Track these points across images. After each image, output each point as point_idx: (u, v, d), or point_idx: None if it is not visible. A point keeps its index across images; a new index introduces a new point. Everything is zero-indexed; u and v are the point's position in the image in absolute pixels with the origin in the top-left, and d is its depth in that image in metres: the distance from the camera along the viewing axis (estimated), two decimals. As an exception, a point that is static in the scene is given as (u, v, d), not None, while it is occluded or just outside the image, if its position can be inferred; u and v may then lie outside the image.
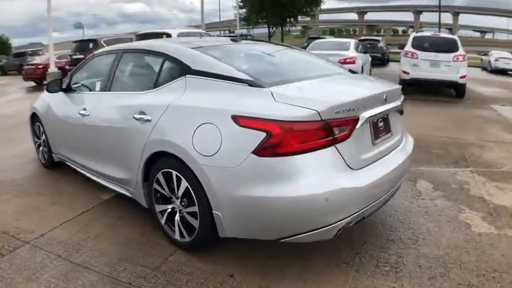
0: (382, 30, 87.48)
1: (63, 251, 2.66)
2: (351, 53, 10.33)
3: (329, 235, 2.17)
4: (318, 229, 2.11)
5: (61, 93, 3.74)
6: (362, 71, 10.67)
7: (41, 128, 4.19)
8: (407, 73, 9.57)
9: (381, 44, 19.11)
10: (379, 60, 17.78)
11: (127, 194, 3.03)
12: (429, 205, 3.33)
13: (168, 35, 12.10)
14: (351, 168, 2.18)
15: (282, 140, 2.01)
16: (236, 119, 2.13)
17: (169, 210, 2.63)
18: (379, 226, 2.97)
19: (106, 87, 3.25)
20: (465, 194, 3.57)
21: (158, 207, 2.71)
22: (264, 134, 2.04)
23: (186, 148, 2.32)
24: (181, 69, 2.62)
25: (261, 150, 2.04)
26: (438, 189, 3.70)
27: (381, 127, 2.50)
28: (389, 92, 2.55)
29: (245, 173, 2.11)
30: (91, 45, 14.16)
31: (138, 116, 2.71)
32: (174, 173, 2.45)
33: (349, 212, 2.15)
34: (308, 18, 34.61)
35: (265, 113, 2.08)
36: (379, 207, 2.50)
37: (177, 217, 2.58)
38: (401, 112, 2.86)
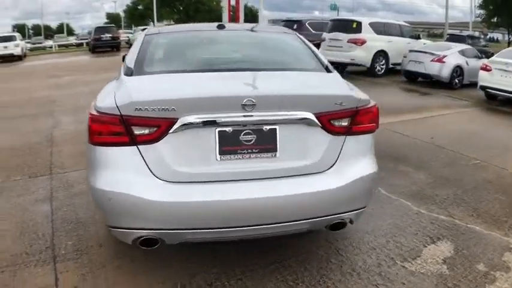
0: None
1: (58, 186, 3.52)
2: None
3: (127, 239, 2.02)
4: (114, 228, 2.01)
5: None
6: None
7: None
8: None
9: None
10: None
11: None
12: (392, 280, 2.28)
13: (358, 23, 11.78)
14: (157, 177, 1.89)
15: (92, 129, 1.97)
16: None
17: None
18: (266, 274, 2.30)
19: None
20: (478, 284, 2.20)
21: None
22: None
23: None
24: None
25: (89, 137, 2.07)
26: (451, 262, 2.40)
27: (246, 141, 1.93)
28: (267, 98, 1.93)
29: (87, 156, 2.20)
30: (295, 26, 14.68)
31: None
32: None
33: (145, 224, 1.91)
34: None
35: (99, 100, 2.06)
36: (224, 237, 2.03)
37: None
38: (332, 131, 2.04)
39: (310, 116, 1.98)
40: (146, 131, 1.89)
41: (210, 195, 1.90)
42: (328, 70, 2.50)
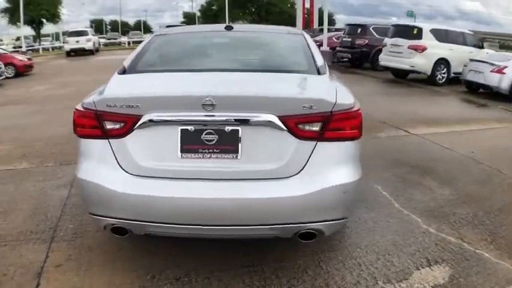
0: None
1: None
2: None
3: (100, 226, 2.15)
4: (90, 214, 2.14)
5: None
6: None
7: None
8: None
9: None
10: None
11: None
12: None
13: (419, 29, 11.30)
14: (124, 170, 1.99)
15: (75, 122, 2.12)
16: None
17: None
18: (236, 276, 2.27)
19: None
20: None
21: None
22: None
23: None
24: None
25: (73, 129, 2.22)
26: (441, 290, 2.15)
27: (208, 141, 1.93)
28: (227, 98, 1.91)
29: None
30: (359, 30, 14.63)
31: None
32: None
33: (111, 212, 2.02)
34: None
35: (87, 97, 2.18)
36: (185, 234, 2.08)
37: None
38: (300, 135, 1.93)
39: (274, 118, 1.91)
40: (116, 126, 2.01)
41: (168, 191, 1.94)
42: (319, 72, 2.38)
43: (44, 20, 37.25)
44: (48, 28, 40.77)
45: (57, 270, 2.35)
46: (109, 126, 2.01)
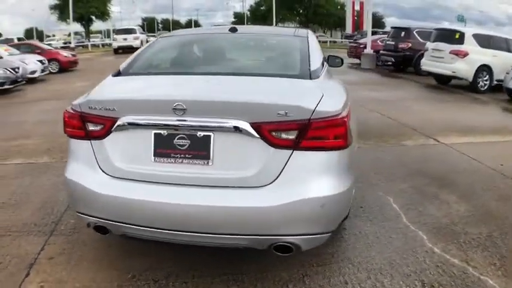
0: None
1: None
2: None
3: (84, 222, 2.21)
4: (76, 212, 2.21)
5: None
6: None
7: None
8: None
9: None
10: None
11: None
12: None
13: (461, 34, 10.76)
14: (102, 171, 2.03)
15: (64, 122, 2.19)
16: None
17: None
18: (214, 283, 2.21)
19: None
20: None
21: None
22: None
23: None
24: None
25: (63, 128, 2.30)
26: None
27: (180, 146, 1.92)
28: (197, 103, 1.88)
29: None
30: (403, 33, 14.39)
31: None
32: None
33: (91, 211, 2.07)
34: None
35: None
36: (157, 237, 2.04)
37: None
38: (274, 143, 1.85)
39: (245, 125, 1.85)
40: (97, 128, 2.07)
41: (139, 194, 1.95)
42: (311, 77, 2.27)
43: (93, 17, 39.02)
44: (98, 25, 42.94)
45: (48, 262, 2.44)
46: (91, 127, 2.07)
